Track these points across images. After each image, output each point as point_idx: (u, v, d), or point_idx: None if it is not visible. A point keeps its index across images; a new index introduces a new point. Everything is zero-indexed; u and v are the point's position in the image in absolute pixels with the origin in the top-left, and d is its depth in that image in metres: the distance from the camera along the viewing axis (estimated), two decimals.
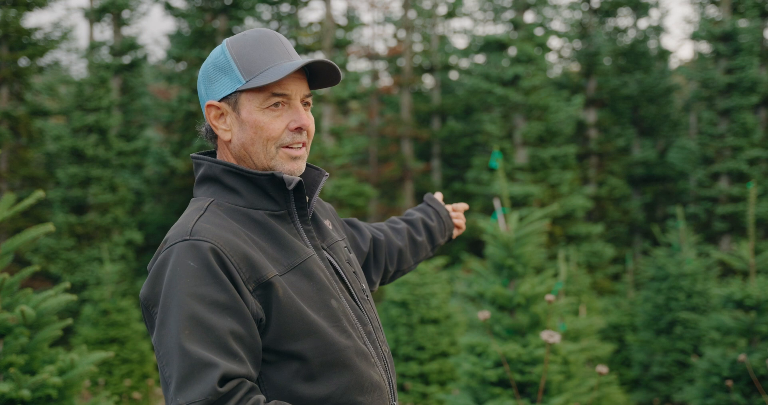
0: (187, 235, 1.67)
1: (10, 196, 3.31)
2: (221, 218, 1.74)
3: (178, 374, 1.57)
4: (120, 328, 10.37)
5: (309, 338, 1.70)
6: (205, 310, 1.60)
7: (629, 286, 14.33)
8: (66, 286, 3.40)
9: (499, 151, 16.86)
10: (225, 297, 1.62)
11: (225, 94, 1.79)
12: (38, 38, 15.97)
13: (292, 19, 21.43)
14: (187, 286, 1.61)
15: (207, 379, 1.55)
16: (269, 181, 1.78)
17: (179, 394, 1.57)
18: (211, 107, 1.81)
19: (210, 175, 1.82)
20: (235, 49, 1.79)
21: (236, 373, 1.59)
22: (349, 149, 18.24)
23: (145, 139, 17.92)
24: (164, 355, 1.61)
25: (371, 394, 1.77)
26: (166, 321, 1.62)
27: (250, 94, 1.77)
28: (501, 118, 19.33)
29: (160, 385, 12.27)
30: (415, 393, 8.42)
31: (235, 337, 1.61)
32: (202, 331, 1.59)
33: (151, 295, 1.67)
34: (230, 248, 1.66)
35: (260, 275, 1.68)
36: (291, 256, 1.76)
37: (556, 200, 17.71)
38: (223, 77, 1.79)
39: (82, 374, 3.25)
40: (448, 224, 2.53)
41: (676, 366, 10.68)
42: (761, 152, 17.64)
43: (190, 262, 1.63)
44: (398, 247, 2.35)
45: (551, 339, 2.95)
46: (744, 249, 6.92)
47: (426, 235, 2.46)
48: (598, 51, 21.57)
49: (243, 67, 1.77)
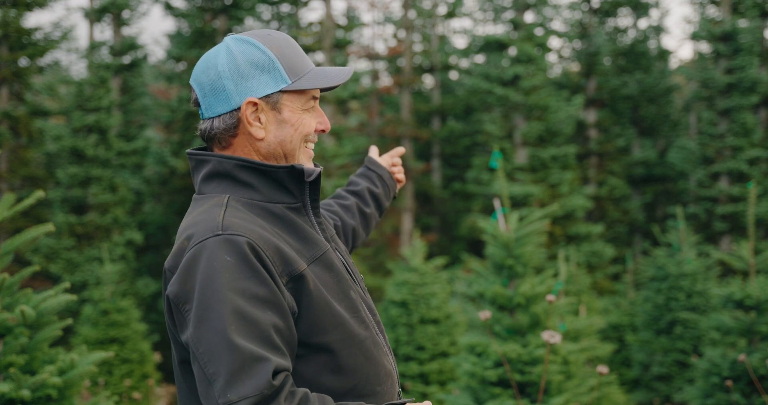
0: (219, 230, 1.65)
1: (10, 196, 3.31)
2: (245, 213, 1.73)
3: (228, 370, 1.54)
4: (120, 328, 10.37)
5: (335, 330, 1.71)
6: (248, 305, 1.59)
7: (629, 286, 14.33)
8: (66, 286, 3.40)
9: (499, 151, 16.85)
10: (265, 291, 1.62)
11: (267, 92, 1.78)
12: (38, 38, 15.96)
13: (292, 19, 21.43)
14: (227, 281, 1.59)
15: (261, 373, 1.54)
16: (288, 174, 1.78)
17: (230, 390, 1.54)
18: (250, 104, 1.79)
19: (220, 171, 1.80)
20: (273, 48, 1.79)
21: (284, 367, 1.59)
22: (349, 149, 18.24)
23: (145, 139, 17.91)
24: (206, 352, 1.58)
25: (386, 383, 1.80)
26: (206, 317, 1.59)
27: (293, 95, 1.80)
28: (501, 118, 19.33)
29: (158, 386, 12.23)
30: (415, 393, 8.42)
31: (277, 330, 1.61)
32: (248, 325, 1.57)
33: (182, 293, 1.63)
34: (264, 242, 1.66)
35: (293, 268, 1.69)
36: (312, 248, 1.78)
37: (556, 200, 17.71)
38: (262, 75, 1.78)
39: (82, 374, 3.25)
40: (391, 186, 2.54)
41: (676, 366, 10.68)
42: (761, 152, 17.64)
43: (226, 256, 1.61)
44: (351, 227, 2.36)
45: (552, 339, 2.95)
46: (744, 249, 6.91)
47: (374, 204, 2.46)
48: (598, 51, 21.56)
49: (288, 68, 1.79)
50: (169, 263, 1.70)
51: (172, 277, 1.67)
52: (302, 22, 21.59)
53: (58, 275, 14.39)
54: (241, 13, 18.17)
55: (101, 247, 14.48)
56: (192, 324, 1.61)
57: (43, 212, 15.73)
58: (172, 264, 1.69)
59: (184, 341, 1.65)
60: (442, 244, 22.64)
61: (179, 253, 1.68)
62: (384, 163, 2.58)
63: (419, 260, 9.15)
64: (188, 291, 1.62)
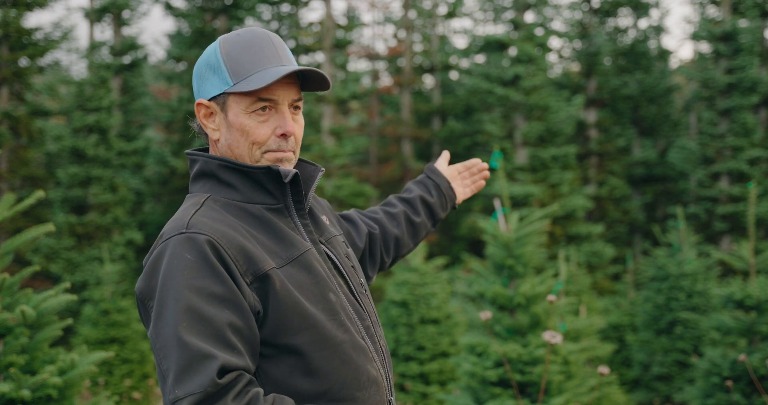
0: (184, 229, 1.67)
1: (11, 196, 3.31)
2: (218, 212, 1.74)
3: (176, 366, 1.56)
4: (120, 328, 10.37)
5: (306, 332, 1.69)
6: (202, 302, 1.60)
7: (629, 286, 14.33)
8: (66, 286, 3.40)
9: (500, 151, 16.85)
10: (222, 289, 1.62)
11: (214, 93, 1.80)
12: (38, 38, 15.97)
13: (292, 19, 21.43)
14: (185, 279, 1.61)
15: (206, 371, 1.54)
16: (265, 174, 1.78)
17: (177, 387, 1.56)
18: (201, 106, 1.82)
19: (206, 170, 1.82)
20: (225, 49, 1.79)
21: (235, 365, 1.58)
22: (350, 149, 18.24)
23: (146, 139, 17.92)
24: (161, 348, 1.60)
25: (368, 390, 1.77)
26: (163, 313, 1.61)
27: (237, 97, 1.77)
28: (501, 118, 19.33)
29: (158, 386, 12.33)
30: (415, 393, 8.42)
31: (233, 329, 1.61)
32: (200, 323, 1.58)
33: (146, 289, 1.66)
34: (227, 241, 1.66)
35: (257, 268, 1.67)
36: (289, 249, 1.76)
37: (557, 200, 17.71)
38: (213, 76, 1.79)
39: (82, 374, 3.25)
40: (449, 196, 2.46)
41: (677, 366, 10.68)
42: (761, 152, 17.63)
43: (186, 254, 1.63)
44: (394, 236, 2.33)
45: (553, 339, 2.95)
46: (744, 249, 6.91)
47: (425, 212, 2.42)
48: (599, 51, 21.56)
49: (231, 69, 1.77)
50: (145, 260, 1.73)
51: None
52: (302, 22, 21.59)
53: (59, 275, 14.39)
54: (241, 13, 18.18)
55: (101, 247, 14.48)
56: (152, 320, 1.64)
57: (43, 212, 15.73)
58: (145, 260, 1.73)
59: (149, 336, 1.68)
60: (443, 244, 22.65)
61: (151, 251, 1.72)
62: (447, 172, 2.50)
63: (419, 260, 9.15)
64: (152, 287, 1.65)
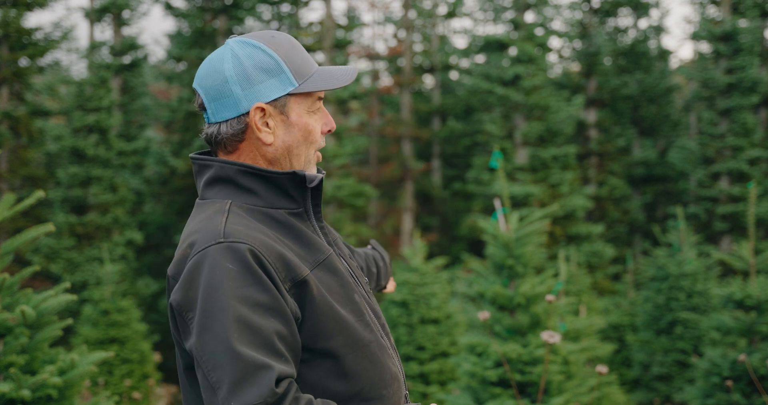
0: (221, 238, 1.65)
1: (10, 196, 3.31)
2: (247, 219, 1.73)
3: (231, 378, 1.55)
4: (120, 328, 10.37)
5: (340, 335, 1.71)
6: (250, 312, 1.59)
7: (629, 286, 14.33)
8: (66, 286, 3.40)
9: (500, 151, 16.84)
10: (267, 298, 1.62)
11: (274, 96, 1.77)
12: (38, 38, 15.96)
13: (292, 19, 21.43)
14: (230, 289, 1.60)
15: (263, 381, 1.54)
16: (290, 180, 1.78)
17: (233, 398, 1.54)
18: (258, 109, 1.77)
19: (222, 176, 1.79)
20: (280, 51, 1.78)
21: (288, 374, 1.59)
22: (350, 149, 18.24)
23: (146, 139, 17.91)
24: (210, 360, 1.58)
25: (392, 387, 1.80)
26: (209, 325, 1.59)
27: (300, 98, 1.79)
28: (501, 118, 19.33)
29: (159, 386, 12.24)
30: (415, 393, 8.42)
31: (280, 337, 1.61)
32: (251, 333, 1.58)
33: (185, 301, 1.64)
34: (266, 249, 1.66)
35: (295, 274, 1.68)
36: (315, 253, 1.77)
37: (557, 200, 17.71)
38: (269, 79, 1.77)
39: (82, 374, 3.25)
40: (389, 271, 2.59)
41: (677, 366, 10.68)
42: (761, 152, 17.64)
43: (228, 264, 1.62)
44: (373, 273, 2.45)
45: (551, 339, 2.95)
46: (744, 249, 6.91)
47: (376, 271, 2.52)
48: (599, 51, 21.56)
49: (294, 70, 1.78)
50: (172, 270, 1.70)
51: (176, 284, 1.68)
52: (302, 22, 21.59)
53: (59, 275, 14.39)
54: (241, 13, 18.17)
55: (101, 247, 14.48)
56: (195, 332, 1.62)
57: (43, 212, 15.73)
58: (175, 271, 1.70)
59: (188, 349, 1.65)
60: (443, 244, 22.65)
61: (182, 261, 1.68)
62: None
63: (419, 260, 9.15)
64: (191, 299, 1.63)
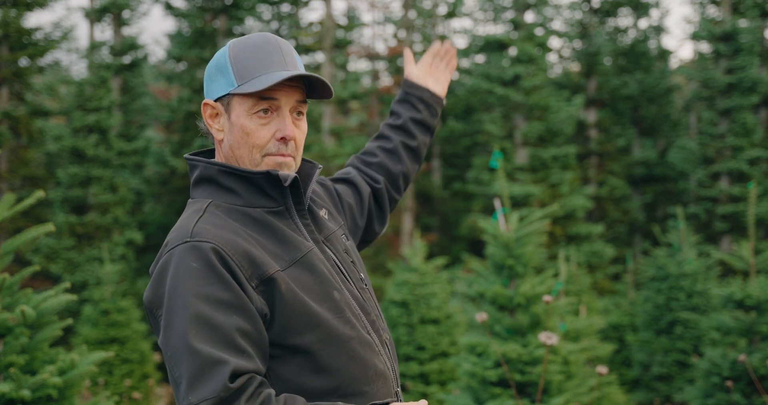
0: (188, 237, 1.71)
1: (10, 196, 3.31)
2: (220, 218, 1.77)
3: (189, 373, 1.60)
4: (120, 328, 10.37)
5: (313, 331, 1.73)
6: (210, 309, 1.63)
7: (629, 286, 14.32)
8: (66, 286, 3.40)
9: (500, 151, 16.84)
10: (229, 295, 1.65)
11: (220, 94, 1.84)
12: (38, 38, 15.96)
13: (292, 19, 21.42)
14: (192, 287, 1.65)
15: (218, 376, 1.58)
16: (265, 179, 1.81)
17: (191, 393, 1.59)
18: (207, 106, 1.87)
19: (206, 176, 1.85)
20: (234, 52, 1.84)
21: (246, 369, 1.62)
22: (350, 149, 18.24)
23: (146, 139, 17.92)
24: (173, 356, 1.64)
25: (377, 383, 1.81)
26: (172, 322, 1.65)
27: (241, 98, 1.81)
28: (501, 118, 19.33)
29: (159, 386, 12.26)
30: (415, 393, 8.42)
31: (242, 333, 1.64)
32: (209, 329, 1.62)
33: (154, 298, 1.70)
34: (231, 247, 1.70)
35: (262, 272, 1.71)
36: (292, 251, 1.79)
37: (557, 200, 17.71)
38: (220, 78, 1.84)
39: (82, 374, 3.25)
40: (435, 102, 2.47)
41: (677, 366, 10.67)
42: (761, 152, 17.63)
43: (192, 263, 1.67)
44: (400, 172, 2.38)
45: (549, 341, 2.94)
46: (744, 249, 6.91)
47: (419, 131, 2.44)
48: (599, 51, 21.56)
49: (237, 71, 1.81)
50: (151, 269, 1.78)
51: None
52: (302, 22, 21.59)
53: (59, 275, 14.39)
54: (241, 13, 18.16)
55: (101, 247, 14.48)
56: (162, 329, 1.68)
57: (43, 212, 15.73)
58: (151, 269, 1.77)
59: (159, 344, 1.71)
60: (443, 244, 22.64)
61: (157, 260, 1.75)
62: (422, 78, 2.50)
63: (419, 260, 9.15)
64: (159, 297, 1.69)
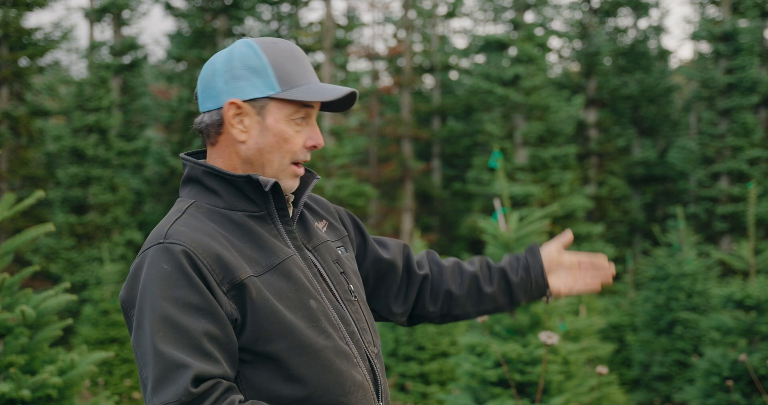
0: (162, 239, 1.70)
1: (10, 196, 3.31)
2: (198, 220, 1.75)
3: (153, 376, 1.61)
4: (120, 328, 10.37)
5: (284, 339, 1.71)
6: (178, 312, 1.63)
7: (629, 286, 14.33)
8: (66, 286, 3.40)
9: (500, 151, 16.84)
10: (198, 299, 1.65)
11: (253, 96, 1.78)
12: (38, 38, 15.96)
13: (292, 19, 21.43)
14: (161, 289, 1.64)
15: (180, 380, 1.58)
16: (246, 183, 1.79)
17: (155, 395, 1.60)
18: (233, 105, 1.79)
19: (192, 176, 1.84)
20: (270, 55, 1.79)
21: (210, 374, 1.61)
22: (350, 149, 18.24)
23: (145, 139, 17.92)
24: (141, 356, 1.65)
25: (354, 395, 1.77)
26: (141, 323, 1.65)
27: (281, 104, 1.78)
28: (501, 118, 19.33)
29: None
30: (415, 393, 8.42)
31: (210, 338, 1.63)
32: (176, 333, 1.61)
33: (128, 298, 1.70)
34: (203, 250, 1.68)
35: (234, 276, 1.69)
36: (269, 257, 1.77)
37: (557, 200, 17.71)
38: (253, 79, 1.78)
39: (82, 374, 3.25)
40: (537, 284, 2.18)
41: (677, 366, 10.68)
42: (761, 152, 17.64)
43: (163, 265, 1.66)
44: (447, 290, 2.15)
45: (549, 340, 2.95)
46: (744, 249, 6.91)
47: (501, 288, 2.18)
48: (598, 51, 21.56)
49: (279, 76, 1.78)
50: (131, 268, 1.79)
51: None
52: (302, 22, 21.59)
53: (58, 275, 14.40)
54: (241, 13, 18.17)
55: (101, 247, 14.48)
56: (133, 329, 1.69)
57: (43, 212, 15.73)
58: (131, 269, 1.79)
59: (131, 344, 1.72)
60: (442, 244, 22.65)
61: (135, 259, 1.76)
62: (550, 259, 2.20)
63: None
64: (133, 297, 1.69)
